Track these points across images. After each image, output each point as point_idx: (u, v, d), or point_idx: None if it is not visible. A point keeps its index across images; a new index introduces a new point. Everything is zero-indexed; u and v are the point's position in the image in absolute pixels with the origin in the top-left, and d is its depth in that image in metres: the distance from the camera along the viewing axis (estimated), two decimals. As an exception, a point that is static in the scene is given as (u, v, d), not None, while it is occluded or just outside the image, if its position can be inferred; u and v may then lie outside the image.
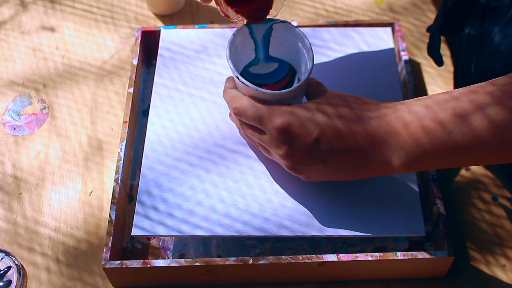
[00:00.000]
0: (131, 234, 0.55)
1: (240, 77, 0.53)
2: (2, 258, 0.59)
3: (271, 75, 0.59)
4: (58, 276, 0.59)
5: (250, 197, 0.57)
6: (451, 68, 0.73)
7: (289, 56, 0.58)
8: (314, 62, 0.55)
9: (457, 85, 0.63)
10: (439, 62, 0.63)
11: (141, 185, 0.58)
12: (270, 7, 0.55)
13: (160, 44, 0.69)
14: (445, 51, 0.74)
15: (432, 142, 0.46)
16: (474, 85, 0.47)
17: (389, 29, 0.70)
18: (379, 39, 0.69)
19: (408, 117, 0.47)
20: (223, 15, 0.56)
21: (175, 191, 0.58)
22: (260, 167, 0.59)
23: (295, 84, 0.53)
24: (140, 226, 0.56)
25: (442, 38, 0.74)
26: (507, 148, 0.44)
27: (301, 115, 0.50)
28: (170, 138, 0.61)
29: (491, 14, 0.59)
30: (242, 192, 0.58)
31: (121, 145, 0.62)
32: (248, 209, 0.56)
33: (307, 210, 0.56)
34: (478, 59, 0.60)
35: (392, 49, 0.68)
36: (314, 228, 0.55)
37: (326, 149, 0.49)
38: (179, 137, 0.61)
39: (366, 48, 0.68)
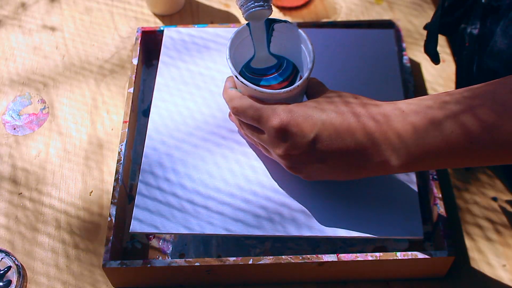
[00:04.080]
0: (130, 230, 0.55)
1: (239, 76, 0.53)
2: (2, 258, 0.59)
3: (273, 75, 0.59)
4: (58, 275, 0.59)
5: (250, 197, 0.57)
6: (451, 68, 0.73)
7: (290, 56, 0.58)
8: (314, 62, 0.55)
9: (459, 84, 0.63)
10: (435, 60, 0.63)
11: (140, 186, 0.58)
12: None
13: (162, 44, 0.69)
14: (446, 49, 0.74)
15: (432, 142, 0.46)
16: (476, 85, 0.46)
17: (389, 29, 0.70)
18: (379, 39, 0.69)
19: (407, 117, 0.47)
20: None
21: (175, 192, 0.58)
22: (261, 167, 0.59)
23: (295, 84, 0.53)
24: (139, 223, 0.56)
25: (444, 37, 0.74)
26: (503, 148, 0.44)
27: (299, 114, 0.50)
28: (172, 137, 0.61)
29: (492, 14, 0.59)
30: (242, 192, 0.58)
31: (121, 145, 0.62)
32: (249, 208, 0.56)
33: (307, 210, 0.56)
34: (480, 58, 0.60)
35: (392, 49, 0.68)
36: (313, 228, 0.55)
37: (324, 148, 0.49)
38: (180, 136, 0.61)
39: (366, 48, 0.68)
